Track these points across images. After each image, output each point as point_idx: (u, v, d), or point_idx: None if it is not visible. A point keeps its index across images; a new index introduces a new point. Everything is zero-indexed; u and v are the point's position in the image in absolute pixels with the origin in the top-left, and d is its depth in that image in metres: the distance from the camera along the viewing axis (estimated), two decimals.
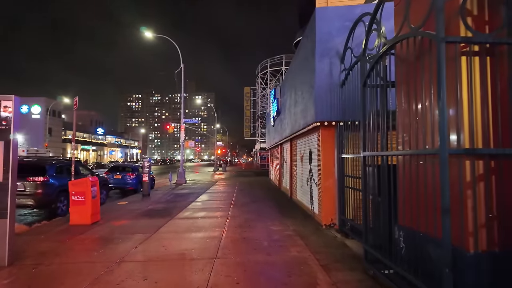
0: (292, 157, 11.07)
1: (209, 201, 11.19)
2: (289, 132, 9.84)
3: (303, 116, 7.50)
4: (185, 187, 16.83)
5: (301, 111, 7.70)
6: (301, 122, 7.72)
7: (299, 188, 9.57)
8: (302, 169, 9.12)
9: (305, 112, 7.23)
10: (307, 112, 6.93)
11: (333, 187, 6.44)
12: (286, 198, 11.57)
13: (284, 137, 11.34)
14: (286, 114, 10.52)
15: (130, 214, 8.54)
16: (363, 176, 4.29)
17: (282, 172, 14.29)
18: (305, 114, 7.17)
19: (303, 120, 7.49)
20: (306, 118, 7.14)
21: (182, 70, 19.84)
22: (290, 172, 11.29)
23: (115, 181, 14.29)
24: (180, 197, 12.44)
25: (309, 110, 6.70)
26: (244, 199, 11.47)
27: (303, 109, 7.46)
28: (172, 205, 10.25)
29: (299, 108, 8.07)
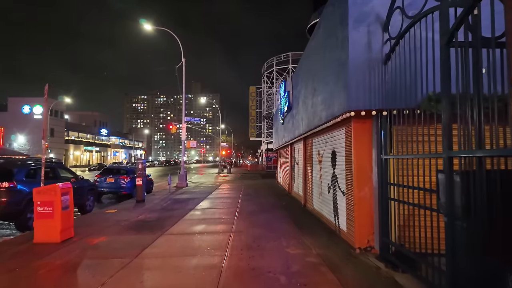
0: (307, 158, 9.52)
1: (211, 209, 9.70)
2: (304, 129, 8.31)
3: (326, 107, 5.96)
4: (186, 191, 15.38)
5: (323, 101, 6.16)
6: (323, 114, 6.18)
7: (317, 196, 8.02)
8: (320, 173, 7.57)
9: (329, 101, 5.70)
10: (333, 100, 5.39)
11: (369, 198, 4.88)
12: (298, 206, 10.02)
13: (296, 135, 9.80)
14: (300, 108, 8.99)
15: (115, 227, 7.09)
16: (447, 188, 2.75)
17: (292, 175, 12.73)
18: (330, 104, 5.64)
19: (325, 112, 5.96)
20: (330, 108, 5.60)
21: (183, 65, 18.46)
22: (304, 176, 9.74)
23: (107, 185, 12.89)
24: (178, 203, 10.97)
25: (337, 97, 5.17)
26: (250, 206, 9.95)
27: (326, 98, 5.93)
28: (167, 214, 8.78)
29: (319, 98, 6.54)
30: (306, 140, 9.51)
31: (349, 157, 5.32)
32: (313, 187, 8.51)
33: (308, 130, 7.77)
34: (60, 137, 52.74)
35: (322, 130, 7.19)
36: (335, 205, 6.26)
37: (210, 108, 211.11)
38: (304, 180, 9.71)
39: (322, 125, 6.27)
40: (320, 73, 6.41)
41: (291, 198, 12.18)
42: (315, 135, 8.20)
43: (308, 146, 9.33)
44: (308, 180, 9.35)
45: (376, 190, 4.72)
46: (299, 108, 9.27)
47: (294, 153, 12.27)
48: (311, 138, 8.77)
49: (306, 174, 9.58)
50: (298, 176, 11.27)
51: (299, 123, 9.30)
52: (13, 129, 47.84)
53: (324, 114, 6.07)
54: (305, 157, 9.73)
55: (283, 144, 14.31)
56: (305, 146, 9.70)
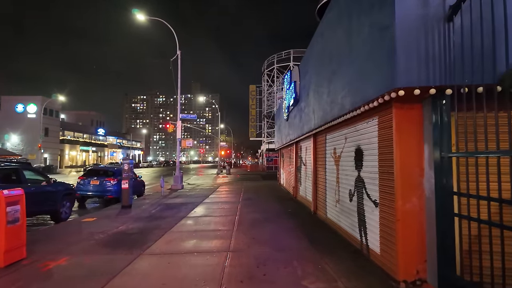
0: (318, 158, 8.17)
1: (206, 217, 8.34)
2: (317, 123, 6.97)
3: (351, 92, 4.62)
4: (180, 194, 14.02)
5: (347, 85, 4.82)
6: (346, 102, 4.84)
7: (332, 203, 6.66)
8: (338, 176, 6.22)
9: (358, 83, 4.35)
10: (365, 81, 4.05)
11: (419, 212, 3.54)
12: (307, 214, 8.66)
13: (305, 131, 8.46)
14: (311, 99, 7.64)
15: (85, 242, 5.73)
16: None
17: (298, 177, 11.38)
18: (359, 86, 4.30)
19: (351, 98, 4.61)
20: (360, 92, 4.27)
21: (178, 58, 17.10)
22: (313, 179, 8.39)
23: (91, 188, 11.52)
24: (170, 209, 9.61)
25: (372, 75, 3.82)
26: (251, 214, 8.59)
27: (352, 80, 4.58)
28: (154, 224, 7.42)
29: (340, 83, 5.19)
30: (317, 137, 8.16)
31: (387, 156, 3.97)
32: (327, 192, 7.15)
33: (322, 123, 6.41)
34: (55, 136, 51.31)
35: (340, 124, 5.85)
36: (361, 218, 4.91)
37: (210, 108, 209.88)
38: (314, 183, 8.35)
39: (346, 115, 4.91)
40: (342, 50, 5.06)
41: (297, 203, 10.82)
42: (329, 130, 6.85)
43: (319, 144, 7.97)
44: (319, 183, 7.99)
45: (431, 201, 3.37)
46: (309, 99, 7.92)
47: (301, 152, 10.92)
48: (324, 134, 7.42)
49: (317, 177, 8.23)
50: (305, 178, 9.91)
51: (309, 117, 7.94)
52: (6, 129, 46.46)
53: (349, 101, 4.71)
54: (315, 156, 8.38)
55: (287, 142, 12.96)
56: (316, 144, 8.35)
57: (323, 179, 7.50)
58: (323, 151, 7.58)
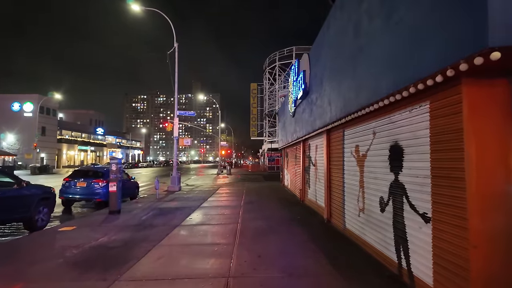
0: (332, 157, 7.05)
1: (202, 225, 7.23)
2: (334, 115, 5.86)
3: (394, 68, 3.51)
4: (177, 196, 12.92)
5: (387, 58, 3.71)
6: (382, 83, 3.74)
7: (353, 212, 5.55)
8: (362, 179, 5.11)
9: (406, 53, 3.25)
10: (426, 42, 2.91)
11: (510, 234, 2.42)
12: (319, 222, 7.55)
13: (317, 127, 7.36)
14: (326, 88, 6.53)
15: (51, 262, 4.64)
16: None
17: (306, 179, 10.27)
18: (409, 55, 3.19)
19: (393, 76, 3.51)
20: (411, 65, 3.16)
21: (175, 50, 16.00)
22: (327, 182, 7.27)
23: (78, 191, 10.43)
24: (163, 215, 8.51)
25: (437, 34, 2.70)
26: (255, 221, 7.49)
27: (396, 50, 3.47)
28: (142, 235, 6.32)
29: (373, 59, 4.08)
30: (332, 133, 7.05)
31: (448, 154, 2.87)
32: (345, 198, 6.04)
33: (343, 115, 5.30)
34: (52, 136, 50.31)
35: (366, 116, 4.74)
36: (400, 235, 3.79)
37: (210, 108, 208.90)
38: (328, 187, 7.23)
39: (380, 103, 3.81)
40: (377, 14, 3.94)
41: (305, 208, 9.70)
42: (349, 124, 5.75)
43: (334, 141, 6.86)
44: (334, 187, 6.88)
45: None
46: (322, 89, 6.80)
47: (309, 151, 9.80)
48: (341, 130, 6.31)
49: (331, 179, 7.12)
50: (315, 180, 8.80)
51: (322, 110, 6.84)
52: (2, 128, 45.43)
53: (386, 83, 3.61)
54: (328, 155, 7.26)
55: (293, 141, 11.85)
56: (329, 141, 7.24)
57: (340, 182, 6.39)
58: (339, 149, 6.46)
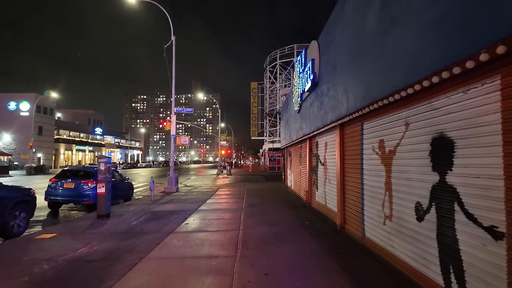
0: (347, 155, 6.21)
1: (199, 233, 6.38)
2: (352, 106, 5.04)
3: (447, 35, 2.67)
4: (174, 198, 12.07)
5: (438, 25, 2.87)
6: (426, 58, 2.91)
7: (377, 219, 4.71)
8: (389, 179, 4.27)
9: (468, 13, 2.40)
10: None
11: None
12: (332, 229, 6.71)
13: (329, 121, 6.52)
14: (340, 74, 5.69)
15: (13, 281, 3.80)
16: None
17: (314, 180, 9.42)
18: (475, 18, 2.34)
19: (446, 45, 2.67)
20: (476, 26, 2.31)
21: (173, 44, 15.16)
22: (340, 183, 6.42)
23: (65, 192, 9.58)
24: (156, 220, 7.68)
25: None
26: (259, 228, 6.64)
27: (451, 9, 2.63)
28: (129, 244, 5.49)
29: (411, 29, 3.25)
30: (346, 128, 6.21)
31: None
32: (365, 202, 5.20)
33: (365, 104, 4.46)
34: (49, 135, 49.45)
35: (396, 103, 3.91)
36: (450, 252, 2.96)
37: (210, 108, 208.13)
38: (342, 189, 6.39)
39: (422, 82, 2.97)
40: None
41: (313, 212, 8.86)
42: (369, 116, 4.91)
43: (350, 136, 6.01)
44: (349, 189, 6.03)
45: None
46: (335, 77, 5.97)
47: (317, 150, 8.96)
48: (358, 123, 5.47)
49: (345, 180, 6.27)
50: (325, 181, 7.95)
51: (335, 101, 6.00)
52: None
53: (435, 54, 2.77)
54: (342, 153, 6.42)
55: (298, 138, 11.01)
56: (343, 137, 6.39)
57: (357, 184, 5.54)
58: (356, 145, 5.62)
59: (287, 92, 42.30)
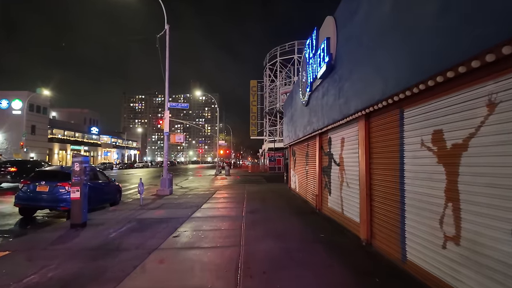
0: (374, 152, 4.96)
1: (190, 249, 5.10)
2: (389, 87, 3.78)
3: None
4: (166, 202, 10.79)
5: None
6: None
7: (432, 239, 3.46)
8: (452, 186, 3.03)
9: None
10: None
11: None
12: (356, 244, 5.44)
13: (353, 110, 5.26)
14: (369, 50, 4.43)
15: None
16: None
17: (325, 182, 8.17)
18: None
19: None
20: None
21: (166, 33, 13.88)
22: (365, 187, 5.16)
23: (38, 197, 8.27)
24: (139, 231, 6.40)
25: None
26: (264, 243, 5.37)
27: None
28: (97, 267, 4.21)
29: None
30: (374, 118, 4.95)
31: None
32: (406, 214, 3.94)
33: (419, 81, 3.21)
34: (42, 135, 48.02)
35: (472, 75, 2.65)
36: None
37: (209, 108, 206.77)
38: (368, 195, 5.12)
39: None
40: None
41: (325, 220, 7.60)
42: (414, 100, 3.66)
43: (379, 130, 4.76)
44: (380, 196, 4.77)
45: None
46: (362, 53, 4.71)
47: (330, 147, 7.70)
48: (394, 111, 4.22)
49: (373, 185, 5.01)
50: (341, 185, 6.69)
51: (364, 84, 4.74)
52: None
53: None
54: (368, 151, 5.16)
55: (306, 135, 9.75)
56: (369, 130, 5.14)
57: (393, 188, 4.29)
58: (391, 139, 4.36)
59: (287, 90, 41.04)
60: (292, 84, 40.68)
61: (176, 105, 15.28)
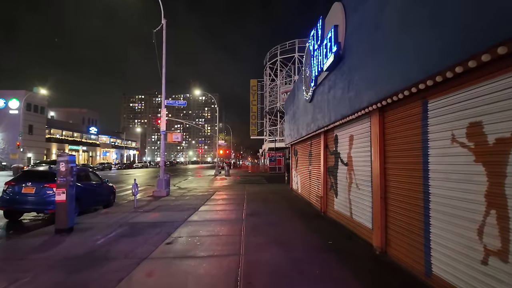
0: (390, 150, 4.43)
1: (183, 259, 4.56)
2: (414, 73, 3.24)
3: None
4: (161, 204, 10.25)
5: None
6: None
7: (466, 252, 2.93)
8: (498, 189, 2.47)
9: None
10: None
11: None
12: (366, 251, 4.91)
13: (365, 104, 4.73)
14: (381, 37, 3.91)
15: None
16: None
17: (331, 183, 7.64)
18: None
19: None
20: None
21: (163, 28, 13.35)
22: (379, 189, 4.63)
23: (24, 199, 7.74)
24: (130, 237, 5.86)
25: None
26: (267, 252, 4.84)
27: None
28: (75, 282, 3.68)
29: None
30: (389, 112, 4.43)
31: None
32: (431, 222, 3.40)
33: (454, 63, 2.66)
34: (40, 134, 47.50)
35: None
36: None
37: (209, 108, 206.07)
38: (382, 198, 4.59)
39: None
40: None
41: (332, 224, 7.07)
42: (444, 89, 3.13)
43: (397, 125, 4.23)
44: (396, 200, 4.24)
45: None
46: (376, 39, 4.17)
47: (336, 146, 7.17)
48: (416, 103, 3.70)
49: (388, 186, 4.48)
50: (350, 186, 6.16)
51: (380, 72, 4.21)
52: None
53: None
54: (382, 149, 4.63)
55: (310, 133, 9.22)
56: (384, 126, 4.61)
57: (414, 191, 3.76)
58: (412, 135, 3.84)
59: (288, 89, 40.52)
60: (292, 83, 40.13)
61: (174, 102, 14.75)
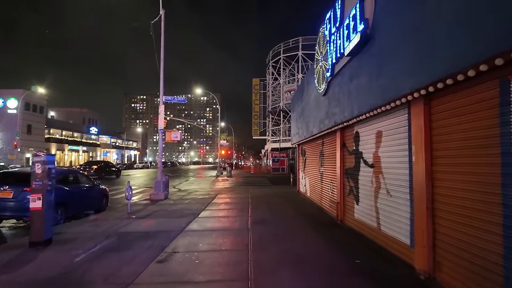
0: (439, 149, 3.46)
1: (178, 285, 3.61)
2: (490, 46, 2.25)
3: None
4: (158, 209, 9.31)
5: None
6: None
7: None
8: None
9: None
10: None
11: None
12: (407, 275, 3.95)
13: (408, 90, 3.75)
14: None
15: None
16: None
17: (350, 187, 6.67)
18: None
19: None
20: None
21: (162, 19, 12.44)
22: (425, 198, 3.65)
23: (1, 204, 6.84)
24: (116, 252, 4.92)
25: None
26: (280, 275, 3.88)
27: None
28: None
29: None
30: (436, 103, 3.46)
31: None
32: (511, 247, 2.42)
33: None
34: (39, 134, 46.72)
35: None
36: None
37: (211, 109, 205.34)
38: (427, 209, 3.60)
39: None
40: None
41: (352, 235, 6.09)
42: None
43: (445, 118, 3.27)
44: (449, 212, 3.28)
45: None
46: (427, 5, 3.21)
47: (357, 145, 6.21)
48: (492, 83, 2.73)
49: (436, 194, 3.50)
50: (378, 192, 5.19)
51: (427, 51, 3.25)
52: None
53: None
54: (427, 147, 3.65)
55: (323, 131, 8.25)
56: (430, 119, 3.64)
57: (484, 202, 2.79)
58: (482, 128, 2.88)
59: (291, 88, 39.53)
60: (295, 82, 39.14)
61: (172, 98, 13.83)
